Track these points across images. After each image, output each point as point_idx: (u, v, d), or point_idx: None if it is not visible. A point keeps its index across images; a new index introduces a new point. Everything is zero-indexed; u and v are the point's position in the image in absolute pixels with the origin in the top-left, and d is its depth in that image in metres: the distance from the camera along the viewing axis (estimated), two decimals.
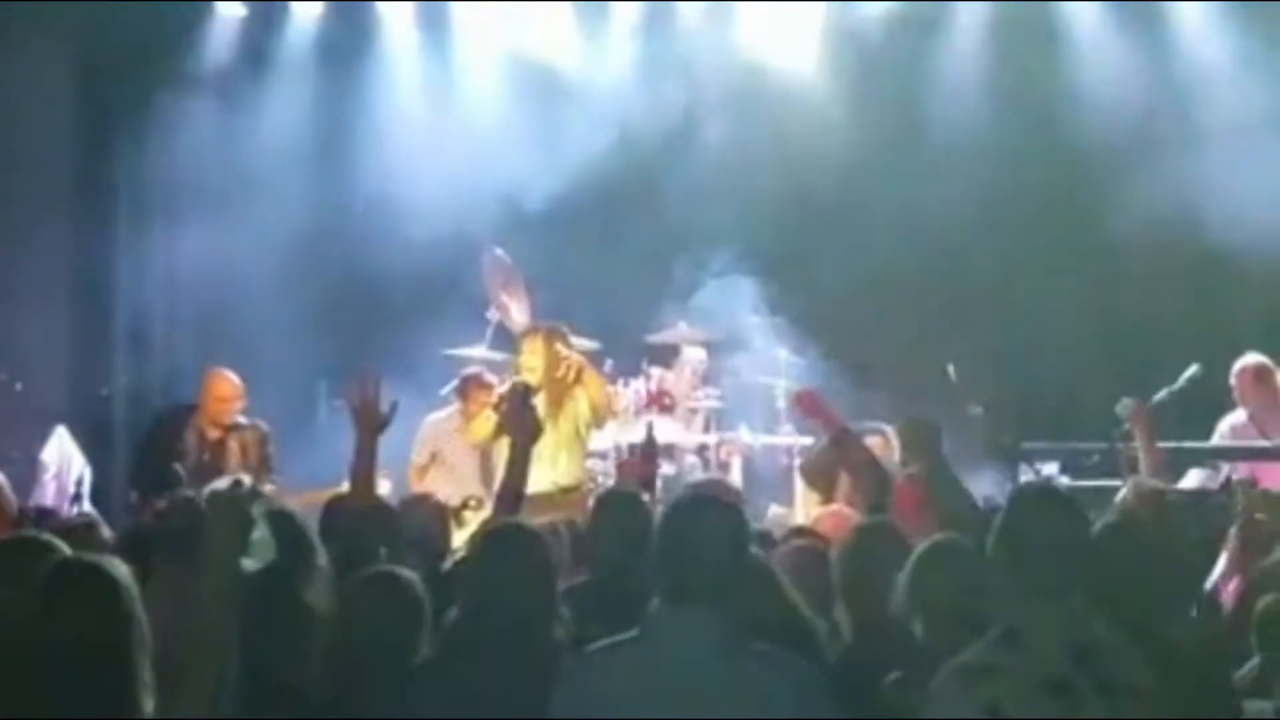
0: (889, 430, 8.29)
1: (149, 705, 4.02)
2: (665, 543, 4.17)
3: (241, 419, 10.01)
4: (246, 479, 4.16)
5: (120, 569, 4.19)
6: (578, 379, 9.54)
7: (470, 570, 4.77)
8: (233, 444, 9.91)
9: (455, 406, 10.51)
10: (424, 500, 6.96)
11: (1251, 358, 9.64)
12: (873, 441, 8.55)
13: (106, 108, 12.66)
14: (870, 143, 12.60)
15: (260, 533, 4.10)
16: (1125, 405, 8.02)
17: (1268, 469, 8.91)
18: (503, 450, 9.30)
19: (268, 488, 9.49)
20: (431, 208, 12.32)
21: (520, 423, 6.01)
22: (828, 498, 8.45)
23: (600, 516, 5.88)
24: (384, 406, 6.18)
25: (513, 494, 5.87)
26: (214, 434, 9.92)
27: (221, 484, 4.13)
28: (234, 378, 10.05)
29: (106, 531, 6.61)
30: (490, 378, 10.47)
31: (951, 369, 10.78)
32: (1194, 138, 11.46)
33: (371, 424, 6.11)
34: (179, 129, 12.71)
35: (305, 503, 7.18)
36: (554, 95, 12.93)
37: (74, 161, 12.44)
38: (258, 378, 10.45)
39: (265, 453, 9.98)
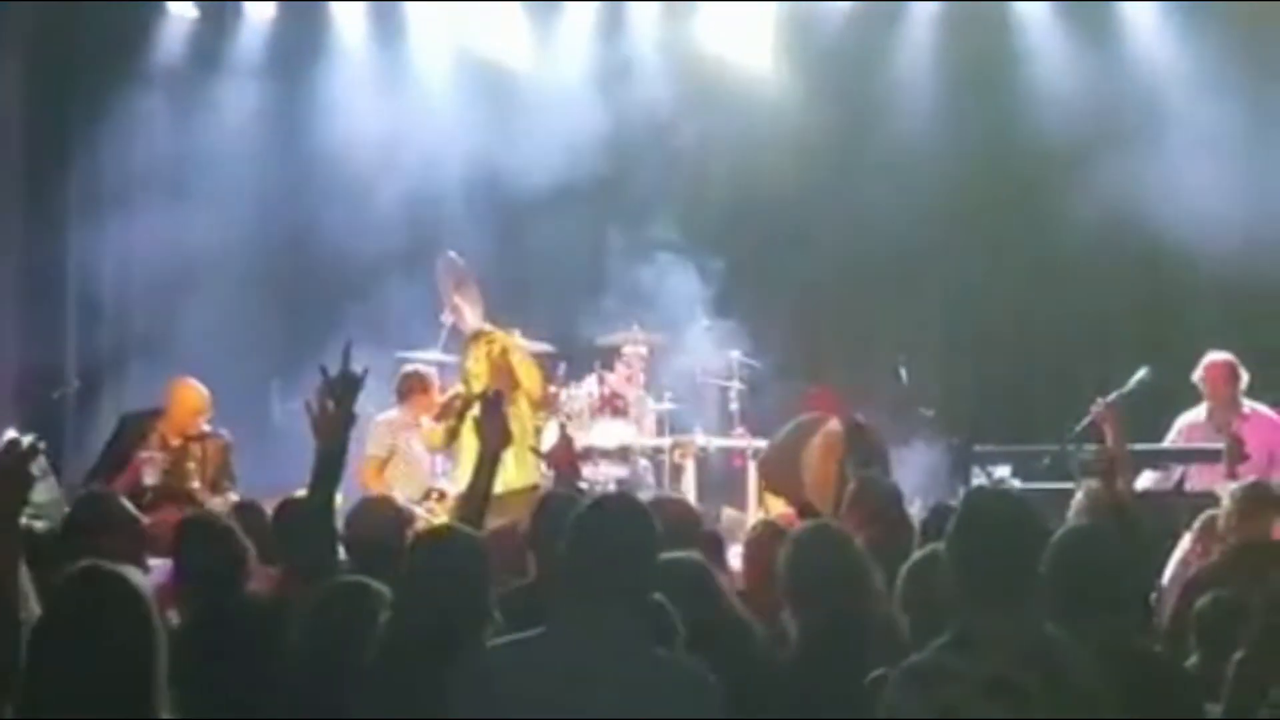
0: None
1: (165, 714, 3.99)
2: (572, 543, 4.19)
3: (205, 428, 9.97)
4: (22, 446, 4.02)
5: (138, 576, 4.14)
6: (503, 356, 9.58)
7: (400, 574, 4.74)
8: (195, 453, 9.86)
9: (402, 405, 10.51)
10: (382, 504, 6.87)
11: (1223, 354, 9.68)
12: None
13: (57, 107, 12.54)
14: (824, 139, 12.61)
15: (47, 494, 4.02)
16: (1099, 405, 8.04)
17: (1213, 468, 8.98)
18: (464, 450, 9.36)
19: (232, 496, 9.50)
20: (383, 207, 12.34)
21: (491, 429, 5.97)
22: (791, 498, 8.45)
23: (538, 518, 5.88)
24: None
25: (478, 499, 5.81)
26: (176, 443, 9.88)
27: None
28: (201, 389, 9.99)
29: None
30: (430, 374, 10.55)
31: (903, 371, 10.83)
32: (1147, 136, 11.47)
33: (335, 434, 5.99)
34: (130, 128, 12.63)
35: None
36: (507, 94, 12.90)
37: (23, 164, 12.33)
38: (209, 379, 10.42)
39: (225, 461, 9.94)
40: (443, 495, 10.05)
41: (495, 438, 5.91)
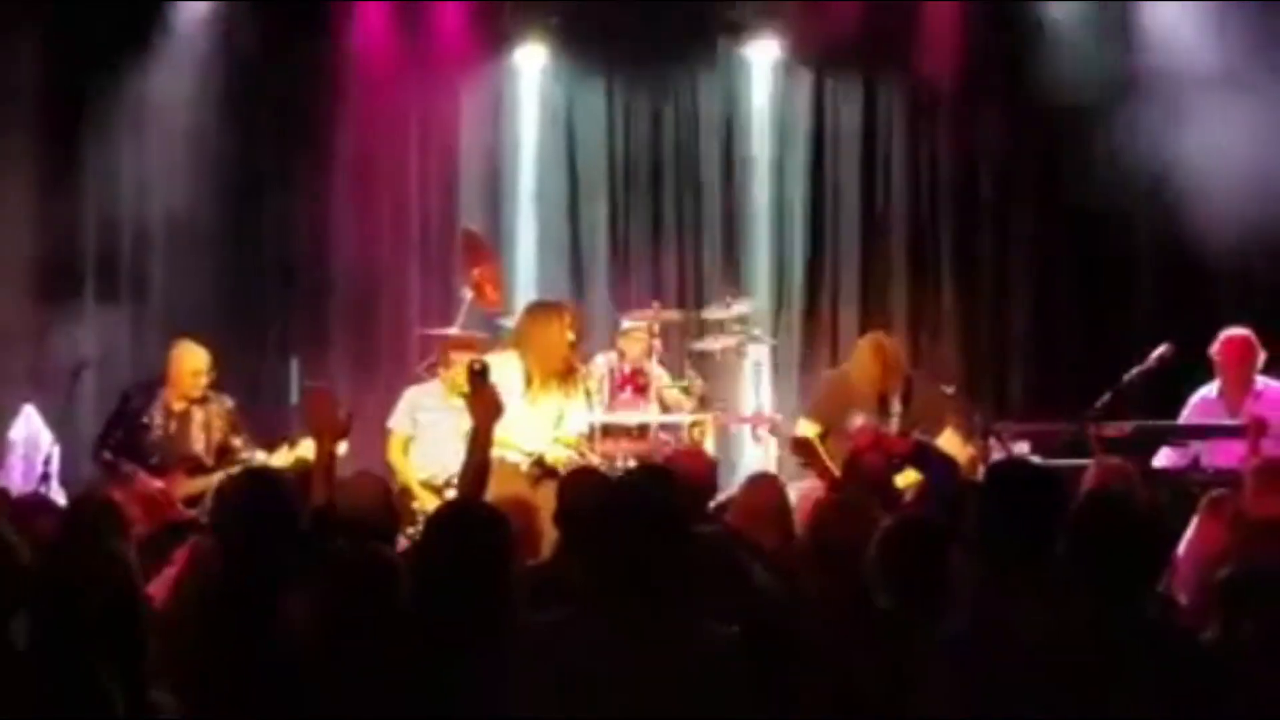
0: None
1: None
2: (604, 519, 4.23)
3: (208, 393, 9.95)
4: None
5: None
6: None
7: (417, 554, 4.72)
8: (198, 417, 9.87)
9: (438, 379, 10.27)
10: (362, 479, 6.64)
11: (1239, 330, 9.57)
12: None
13: (75, 92, 12.34)
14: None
15: None
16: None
17: (1226, 445, 8.95)
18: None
19: (258, 456, 9.54)
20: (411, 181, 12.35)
21: (480, 402, 5.90)
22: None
23: (561, 496, 5.89)
24: (341, 415, 6.03)
25: (475, 474, 5.77)
26: (179, 407, 9.88)
27: None
28: (202, 351, 9.94)
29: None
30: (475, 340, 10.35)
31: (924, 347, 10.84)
32: (1165, 107, 11.37)
33: (332, 436, 5.94)
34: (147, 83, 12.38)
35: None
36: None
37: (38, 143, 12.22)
38: (229, 354, 10.43)
39: (231, 425, 9.93)
40: None
41: (483, 411, 5.86)
